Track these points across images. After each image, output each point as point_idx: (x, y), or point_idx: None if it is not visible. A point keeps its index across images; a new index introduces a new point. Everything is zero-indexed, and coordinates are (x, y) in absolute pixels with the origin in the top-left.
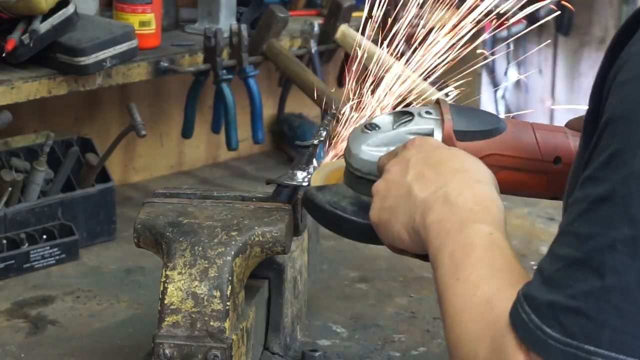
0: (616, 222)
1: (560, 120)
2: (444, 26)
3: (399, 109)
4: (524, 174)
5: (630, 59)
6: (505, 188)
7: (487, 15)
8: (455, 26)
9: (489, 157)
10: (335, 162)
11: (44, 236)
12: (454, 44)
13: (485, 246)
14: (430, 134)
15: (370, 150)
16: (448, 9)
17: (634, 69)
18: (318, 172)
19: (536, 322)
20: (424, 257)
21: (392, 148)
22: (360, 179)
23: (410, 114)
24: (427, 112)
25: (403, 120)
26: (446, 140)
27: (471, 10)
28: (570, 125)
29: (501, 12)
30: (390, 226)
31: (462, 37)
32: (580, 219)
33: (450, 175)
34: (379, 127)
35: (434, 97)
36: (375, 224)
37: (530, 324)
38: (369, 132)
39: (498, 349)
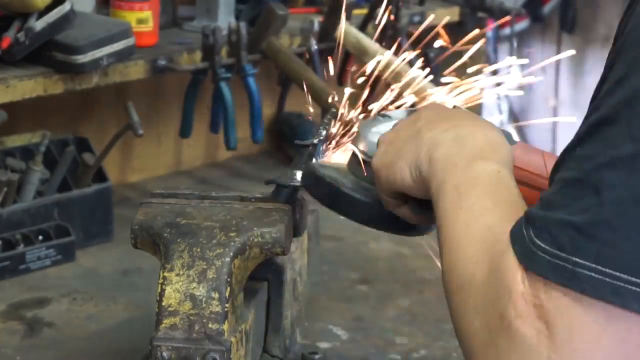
0: (617, 141)
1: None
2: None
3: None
4: (526, 189)
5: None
6: None
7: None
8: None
9: None
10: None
11: (40, 237)
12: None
13: (492, 181)
14: None
15: (379, 134)
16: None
17: None
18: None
19: (531, 235)
20: (421, 204)
21: None
22: (365, 163)
23: None
24: None
25: None
26: None
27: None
28: None
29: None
30: (392, 167)
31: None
32: (581, 143)
33: (463, 119)
34: (391, 118)
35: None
36: (377, 169)
37: (525, 238)
38: (381, 119)
39: (496, 268)
